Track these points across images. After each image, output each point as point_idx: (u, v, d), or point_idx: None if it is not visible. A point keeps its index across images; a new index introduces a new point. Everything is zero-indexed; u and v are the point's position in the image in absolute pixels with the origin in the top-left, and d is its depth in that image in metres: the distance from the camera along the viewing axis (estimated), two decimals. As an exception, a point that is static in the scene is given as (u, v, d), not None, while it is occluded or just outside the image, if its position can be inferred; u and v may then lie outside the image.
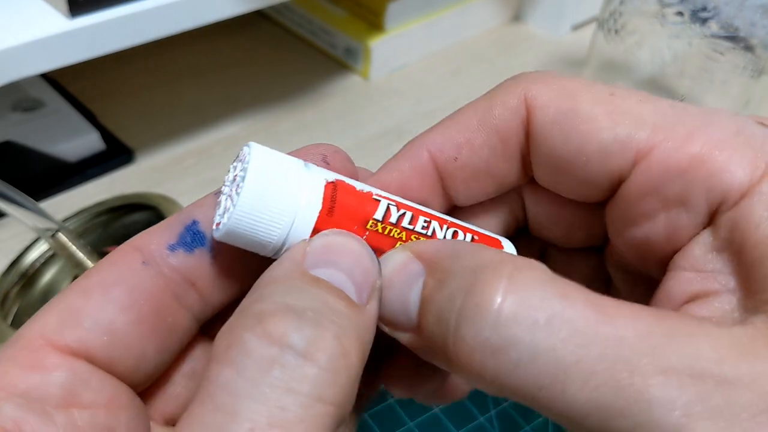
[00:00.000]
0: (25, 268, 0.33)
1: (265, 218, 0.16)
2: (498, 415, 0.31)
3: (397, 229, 0.17)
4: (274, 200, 0.16)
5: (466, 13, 0.56)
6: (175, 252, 0.16)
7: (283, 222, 0.16)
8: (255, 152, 0.16)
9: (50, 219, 0.30)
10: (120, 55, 0.36)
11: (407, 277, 0.16)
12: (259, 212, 0.16)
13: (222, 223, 0.16)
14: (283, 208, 0.16)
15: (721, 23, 0.38)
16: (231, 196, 0.16)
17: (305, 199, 0.16)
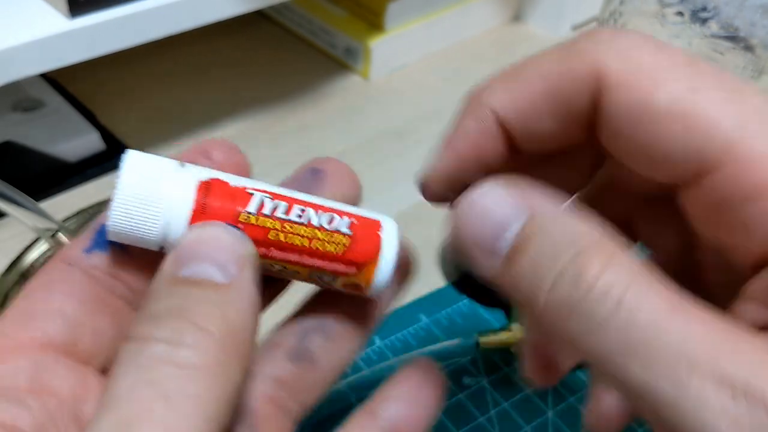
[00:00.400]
0: (25, 268, 0.33)
1: (140, 219, 0.17)
2: (498, 415, 0.31)
3: (270, 219, 0.18)
4: (145, 202, 0.17)
5: (466, 13, 0.56)
6: (92, 253, 0.18)
7: (158, 222, 0.17)
8: (129, 158, 0.18)
9: (50, 219, 0.30)
10: (120, 55, 0.36)
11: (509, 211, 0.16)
12: (133, 214, 0.17)
13: (107, 225, 0.18)
14: (155, 209, 0.17)
15: (721, 23, 0.38)
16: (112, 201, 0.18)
17: (177, 199, 0.17)
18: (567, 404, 0.32)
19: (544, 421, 0.31)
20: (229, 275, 0.16)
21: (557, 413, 0.31)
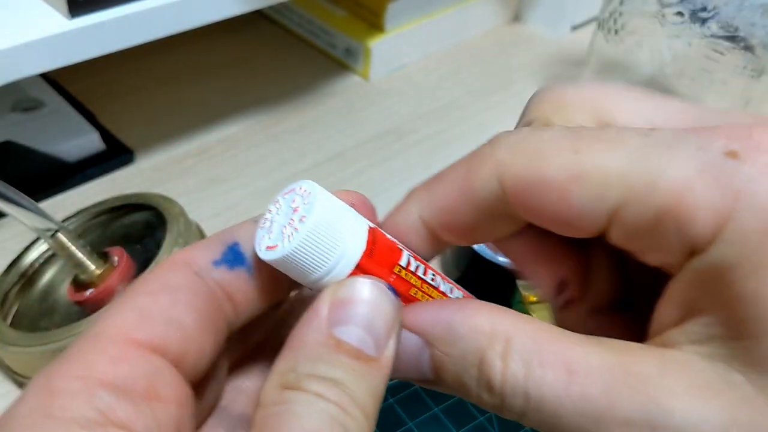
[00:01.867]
0: (25, 268, 0.33)
1: (318, 253, 0.18)
2: (498, 415, 0.31)
3: (414, 277, 0.19)
4: (329, 239, 0.18)
5: (466, 13, 0.56)
6: (219, 267, 0.18)
7: (332, 260, 0.18)
8: (319, 194, 0.18)
9: (50, 219, 0.30)
10: (120, 55, 0.36)
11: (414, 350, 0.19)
12: (315, 247, 0.18)
13: (279, 247, 0.18)
14: (334, 248, 0.18)
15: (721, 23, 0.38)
16: (289, 227, 0.18)
17: (353, 241, 0.18)
18: (567, 404, 0.32)
19: (544, 421, 0.31)
20: (381, 350, 0.17)
21: (557, 413, 0.31)
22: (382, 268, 0.19)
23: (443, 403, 0.31)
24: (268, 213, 0.19)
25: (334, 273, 0.18)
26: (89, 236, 0.35)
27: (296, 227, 0.18)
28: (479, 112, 0.49)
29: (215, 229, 0.41)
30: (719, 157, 0.16)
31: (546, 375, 0.17)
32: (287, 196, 0.19)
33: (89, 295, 0.31)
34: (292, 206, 0.18)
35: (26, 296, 0.33)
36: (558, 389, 0.17)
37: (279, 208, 0.19)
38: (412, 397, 0.31)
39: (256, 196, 0.42)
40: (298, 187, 0.19)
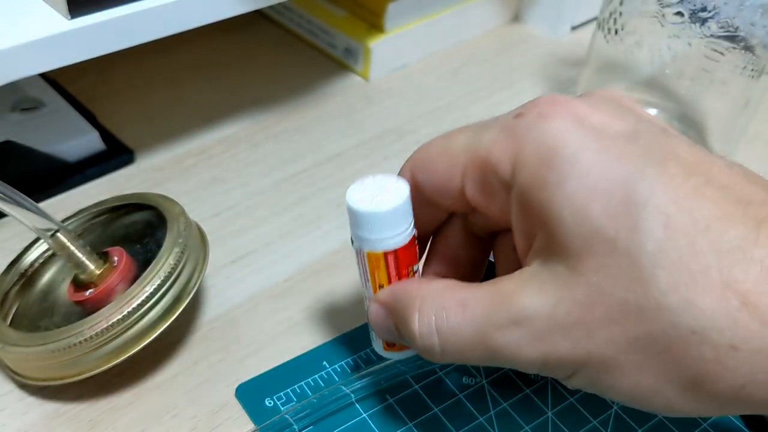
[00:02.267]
0: (25, 268, 0.33)
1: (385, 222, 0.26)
2: (498, 415, 0.31)
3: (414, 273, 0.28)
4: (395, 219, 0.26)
5: (466, 14, 0.56)
6: None
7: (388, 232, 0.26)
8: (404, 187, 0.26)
9: (50, 219, 0.30)
10: (120, 55, 0.36)
11: (382, 319, 0.27)
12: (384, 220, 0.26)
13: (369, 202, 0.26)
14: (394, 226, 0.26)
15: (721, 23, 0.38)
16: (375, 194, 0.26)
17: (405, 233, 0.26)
18: (567, 404, 0.32)
19: (544, 421, 0.31)
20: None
21: (557, 413, 0.31)
22: (406, 262, 0.27)
23: (443, 403, 0.31)
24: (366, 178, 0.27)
25: (378, 244, 0.26)
26: (89, 236, 0.35)
27: (383, 199, 0.26)
28: (479, 112, 0.49)
29: (216, 228, 0.41)
30: (511, 120, 0.24)
31: (449, 313, 0.24)
32: (387, 177, 0.27)
33: (89, 295, 0.31)
34: (386, 186, 0.26)
35: (26, 296, 0.33)
36: (457, 320, 0.24)
37: (375, 181, 0.27)
38: (412, 397, 0.31)
39: (256, 196, 0.42)
40: (396, 179, 0.27)
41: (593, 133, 0.22)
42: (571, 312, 0.22)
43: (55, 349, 0.28)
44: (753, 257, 0.20)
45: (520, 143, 0.23)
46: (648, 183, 0.21)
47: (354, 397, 0.31)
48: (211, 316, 0.35)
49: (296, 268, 0.38)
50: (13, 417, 0.30)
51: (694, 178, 0.21)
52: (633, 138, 0.22)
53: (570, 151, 0.22)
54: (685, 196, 0.21)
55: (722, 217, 0.21)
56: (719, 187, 0.21)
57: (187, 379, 0.32)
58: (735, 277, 0.20)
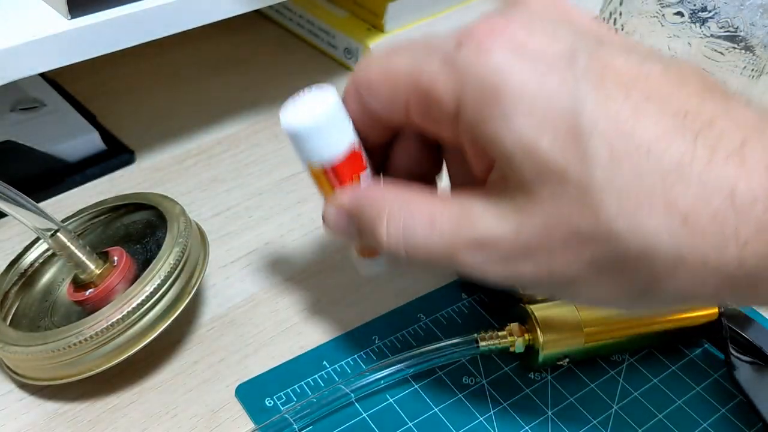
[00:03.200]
0: (25, 268, 0.33)
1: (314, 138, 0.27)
2: (498, 415, 0.31)
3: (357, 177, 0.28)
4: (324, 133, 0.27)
5: (466, 14, 0.56)
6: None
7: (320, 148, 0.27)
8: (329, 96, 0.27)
9: (50, 219, 0.30)
10: (120, 55, 0.36)
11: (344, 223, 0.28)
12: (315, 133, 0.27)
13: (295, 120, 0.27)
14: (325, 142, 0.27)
15: (721, 23, 0.38)
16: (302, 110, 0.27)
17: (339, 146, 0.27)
18: (567, 404, 0.32)
19: (544, 421, 0.31)
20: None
21: (557, 413, 0.31)
22: (348, 173, 0.28)
23: (443, 403, 0.31)
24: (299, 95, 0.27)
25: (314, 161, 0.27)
26: (89, 236, 0.35)
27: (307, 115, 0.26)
28: (479, 112, 0.49)
29: (216, 228, 0.41)
30: (452, 51, 0.24)
31: (416, 226, 0.25)
32: (312, 90, 0.27)
33: (89, 295, 0.31)
34: (308, 98, 0.27)
35: (26, 296, 0.33)
36: (425, 234, 0.25)
37: (305, 96, 0.27)
38: (412, 397, 0.31)
39: (256, 196, 0.42)
40: (325, 91, 0.27)
41: (533, 61, 0.23)
42: (531, 238, 0.23)
43: (55, 349, 0.28)
44: (691, 174, 0.21)
45: (463, 79, 0.23)
46: (590, 110, 0.22)
47: (354, 396, 0.31)
48: (211, 316, 0.35)
49: (296, 268, 0.38)
50: (13, 417, 0.30)
51: (633, 96, 0.22)
52: (571, 59, 0.23)
53: (512, 86, 0.22)
54: (626, 119, 0.22)
55: (662, 136, 0.22)
56: (658, 101, 0.22)
57: (187, 379, 0.32)
58: (675, 196, 0.21)
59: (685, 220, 0.21)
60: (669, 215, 0.21)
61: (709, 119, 0.22)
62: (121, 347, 0.29)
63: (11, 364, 0.31)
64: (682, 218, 0.21)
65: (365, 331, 0.34)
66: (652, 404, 0.32)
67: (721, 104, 0.22)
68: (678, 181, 0.21)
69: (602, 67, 0.22)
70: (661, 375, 0.33)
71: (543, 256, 0.23)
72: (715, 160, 0.21)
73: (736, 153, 0.21)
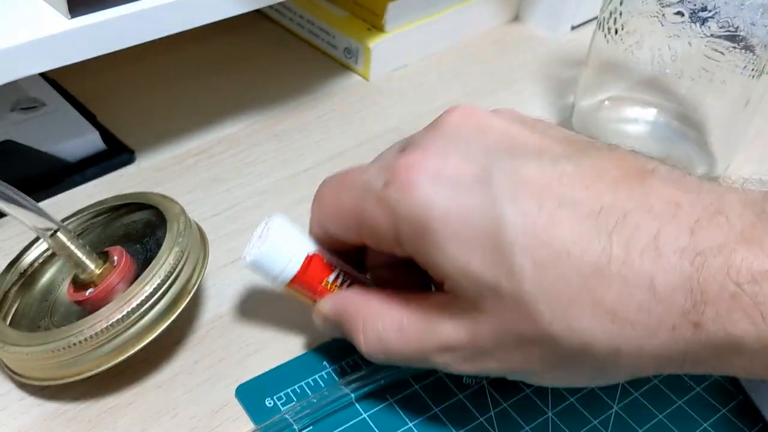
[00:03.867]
0: (24, 268, 0.33)
1: (266, 268, 0.30)
2: (498, 415, 0.31)
3: (335, 286, 0.31)
4: (270, 264, 0.30)
5: (466, 13, 0.56)
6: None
7: (277, 269, 0.30)
8: (275, 227, 0.30)
9: (49, 219, 0.30)
10: (120, 55, 0.36)
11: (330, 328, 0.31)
12: (263, 265, 0.30)
13: (248, 257, 0.30)
14: (275, 268, 0.30)
15: (721, 23, 0.38)
16: (256, 244, 0.30)
17: (293, 261, 0.30)
18: (567, 404, 0.32)
19: (544, 421, 0.31)
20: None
21: (557, 413, 0.31)
22: (314, 281, 0.30)
23: (443, 403, 0.31)
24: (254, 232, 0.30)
25: (281, 278, 0.30)
26: (89, 236, 0.35)
27: (256, 249, 0.30)
28: (479, 112, 0.49)
29: (216, 228, 0.41)
30: (381, 189, 0.26)
31: (389, 336, 0.27)
32: (262, 224, 0.30)
33: (89, 295, 0.31)
34: (260, 232, 0.30)
35: (26, 296, 0.33)
36: (398, 343, 0.27)
37: (255, 233, 0.30)
38: (412, 397, 0.31)
39: (256, 196, 0.42)
40: (267, 220, 0.30)
41: (452, 187, 0.25)
42: (485, 342, 0.25)
43: (55, 349, 0.28)
44: (611, 274, 0.23)
45: (395, 215, 0.26)
46: (509, 226, 0.23)
47: (354, 396, 0.31)
48: (211, 316, 0.35)
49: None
50: (13, 417, 0.30)
51: (546, 205, 0.24)
52: (485, 179, 0.24)
53: (437, 216, 0.24)
54: (543, 229, 0.23)
55: (578, 240, 0.23)
56: (570, 205, 0.23)
57: (187, 379, 0.32)
58: (600, 296, 0.23)
59: (613, 317, 0.23)
60: (598, 314, 0.23)
61: (623, 213, 0.23)
62: (121, 347, 0.29)
63: (11, 364, 0.31)
64: (610, 315, 0.23)
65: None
66: (652, 404, 0.32)
67: (637, 191, 0.24)
68: (600, 282, 0.23)
69: (515, 182, 0.24)
70: (661, 375, 0.33)
71: (501, 355, 0.26)
72: (630, 257, 0.22)
73: (650, 246, 0.22)
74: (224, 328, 0.34)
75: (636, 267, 0.22)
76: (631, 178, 0.24)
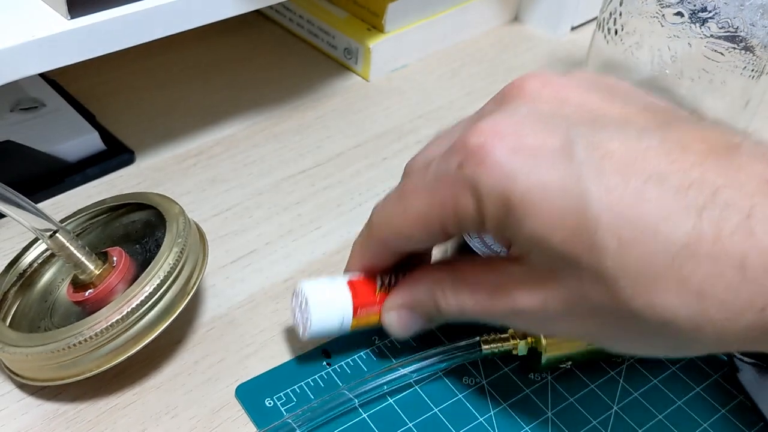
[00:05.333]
0: (24, 268, 0.33)
1: (326, 325, 0.30)
2: (498, 415, 0.31)
3: (386, 288, 0.31)
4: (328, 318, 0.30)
5: (466, 14, 0.56)
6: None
7: (337, 322, 0.30)
8: (305, 289, 0.30)
9: (48, 219, 0.30)
10: (120, 55, 0.36)
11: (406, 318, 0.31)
12: (323, 325, 0.30)
13: (306, 330, 0.31)
14: (334, 315, 0.30)
15: (720, 23, 0.38)
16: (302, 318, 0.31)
17: (344, 303, 0.30)
18: (567, 404, 0.32)
19: (544, 421, 0.31)
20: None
21: (557, 413, 0.31)
22: (368, 298, 0.31)
23: (443, 403, 0.31)
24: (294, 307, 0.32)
25: (344, 327, 0.31)
26: (88, 236, 0.35)
27: (306, 318, 0.30)
28: (479, 112, 0.49)
29: (215, 228, 0.41)
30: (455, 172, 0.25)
31: (465, 297, 0.28)
32: (295, 298, 0.31)
33: (89, 295, 0.31)
34: (300, 304, 0.31)
35: (25, 296, 0.33)
36: (472, 304, 0.28)
37: (295, 303, 0.31)
38: (412, 398, 0.31)
39: (256, 196, 0.42)
40: (297, 290, 0.31)
41: (533, 160, 0.24)
42: (557, 309, 0.25)
43: (55, 350, 0.28)
44: (700, 252, 0.22)
45: (478, 197, 0.25)
46: (594, 203, 0.23)
47: (357, 402, 0.31)
48: (211, 316, 0.35)
49: (296, 268, 0.38)
50: (13, 417, 0.30)
51: (632, 181, 0.23)
52: (569, 152, 0.23)
53: (519, 193, 0.24)
54: (629, 205, 0.22)
55: (667, 217, 0.22)
56: (658, 180, 0.22)
57: (187, 379, 0.32)
58: (687, 274, 0.22)
59: (699, 296, 0.22)
60: (683, 293, 0.22)
61: (713, 190, 0.22)
62: (121, 347, 0.29)
63: (11, 364, 0.31)
64: (696, 295, 0.22)
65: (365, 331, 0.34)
66: (652, 404, 0.32)
67: (725, 167, 0.23)
68: (688, 260, 0.22)
69: (600, 156, 0.23)
70: (661, 375, 0.33)
71: (572, 322, 0.25)
72: (722, 236, 0.22)
73: (742, 225, 0.22)
74: (224, 328, 0.34)
75: (727, 246, 0.22)
76: (718, 153, 0.23)
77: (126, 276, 0.31)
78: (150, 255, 0.32)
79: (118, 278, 0.31)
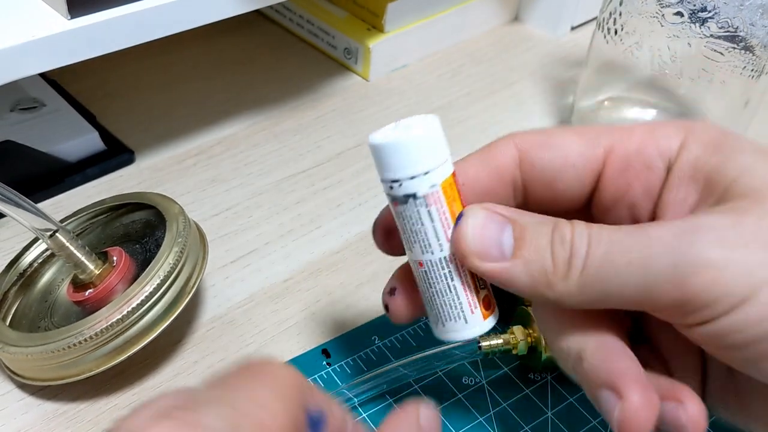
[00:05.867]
0: (24, 268, 0.33)
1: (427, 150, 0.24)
2: (498, 415, 0.31)
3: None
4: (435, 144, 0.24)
5: (465, 14, 0.56)
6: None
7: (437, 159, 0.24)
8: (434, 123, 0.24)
9: (48, 219, 0.30)
10: (120, 55, 0.36)
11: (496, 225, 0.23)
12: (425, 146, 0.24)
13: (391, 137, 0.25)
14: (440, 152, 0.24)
15: (720, 23, 0.38)
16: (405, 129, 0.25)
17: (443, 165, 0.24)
18: (567, 404, 0.32)
19: (544, 421, 0.31)
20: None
21: (557, 413, 0.31)
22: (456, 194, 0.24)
23: (443, 403, 0.31)
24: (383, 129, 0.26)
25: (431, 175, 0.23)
26: (88, 236, 0.35)
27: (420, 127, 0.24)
28: (479, 112, 0.49)
29: (215, 228, 0.41)
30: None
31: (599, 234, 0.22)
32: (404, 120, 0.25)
33: (89, 295, 0.31)
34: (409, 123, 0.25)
35: (25, 296, 0.33)
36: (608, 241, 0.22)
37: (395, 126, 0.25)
38: (412, 398, 0.31)
39: (256, 196, 0.42)
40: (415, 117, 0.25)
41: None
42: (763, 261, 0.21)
43: (55, 350, 0.28)
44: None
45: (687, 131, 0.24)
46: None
47: (355, 398, 0.31)
48: (211, 316, 0.35)
49: (296, 268, 0.38)
50: (13, 417, 0.30)
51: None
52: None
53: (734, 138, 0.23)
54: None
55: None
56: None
57: (187, 379, 0.32)
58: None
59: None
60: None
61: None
62: (121, 347, 0.29)
63: (11, 364, 0.31)
64: None
65: (365, 331, 0.34)
66: (651, 404, 0.32)
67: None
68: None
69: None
70: (661, 375, 0.33)
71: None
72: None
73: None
74: (224, 328, 0.34)
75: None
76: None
77: (126, 276, 0.31)
78: (150, 255, 0.32)
79: (118, 278, 0.31)
